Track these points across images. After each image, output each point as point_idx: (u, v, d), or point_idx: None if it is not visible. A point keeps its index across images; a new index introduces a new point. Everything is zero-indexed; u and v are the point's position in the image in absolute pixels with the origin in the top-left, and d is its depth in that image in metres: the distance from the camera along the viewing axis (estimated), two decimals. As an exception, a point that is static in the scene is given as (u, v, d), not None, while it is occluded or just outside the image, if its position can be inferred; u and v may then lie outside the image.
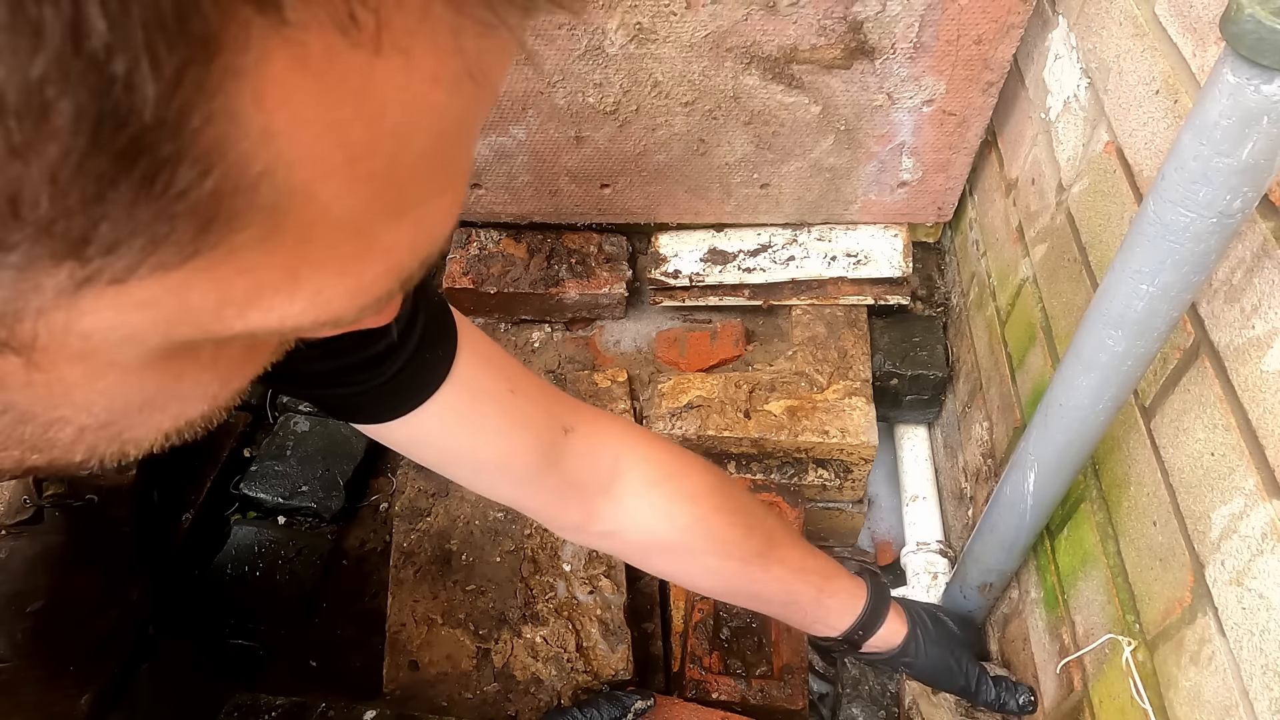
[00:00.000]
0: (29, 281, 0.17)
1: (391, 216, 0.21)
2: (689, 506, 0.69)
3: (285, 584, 1.17)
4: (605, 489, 0.67)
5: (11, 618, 0.87)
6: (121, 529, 1.04)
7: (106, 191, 0.15)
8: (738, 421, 1.15)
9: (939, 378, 1.22)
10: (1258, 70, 0.44)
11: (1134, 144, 0.76)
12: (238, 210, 0.17)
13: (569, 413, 0.64)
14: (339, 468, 1.25)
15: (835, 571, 0.79)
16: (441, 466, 0.62)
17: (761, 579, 0.74)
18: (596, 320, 1.37)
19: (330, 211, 0.19)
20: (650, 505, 0.68)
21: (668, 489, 0.69)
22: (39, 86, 0.14)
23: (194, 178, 0.16)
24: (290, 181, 0.17)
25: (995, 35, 0.99)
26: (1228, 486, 0.59)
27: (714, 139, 1.13)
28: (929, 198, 1.21)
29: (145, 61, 0.14)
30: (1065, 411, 0.68)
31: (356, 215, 0.20)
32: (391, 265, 0.22)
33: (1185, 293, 0.56)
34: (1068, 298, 0.87)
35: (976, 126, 1.10)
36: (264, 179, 0.17)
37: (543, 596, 1.04)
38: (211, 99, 0.15)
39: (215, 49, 0.15)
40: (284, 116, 0.17)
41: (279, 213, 0.18)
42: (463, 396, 0.56)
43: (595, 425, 0.66)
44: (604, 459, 0.66)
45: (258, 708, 0.92)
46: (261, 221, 0.18)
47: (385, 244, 0.21)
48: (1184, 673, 0.64)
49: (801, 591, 0.76)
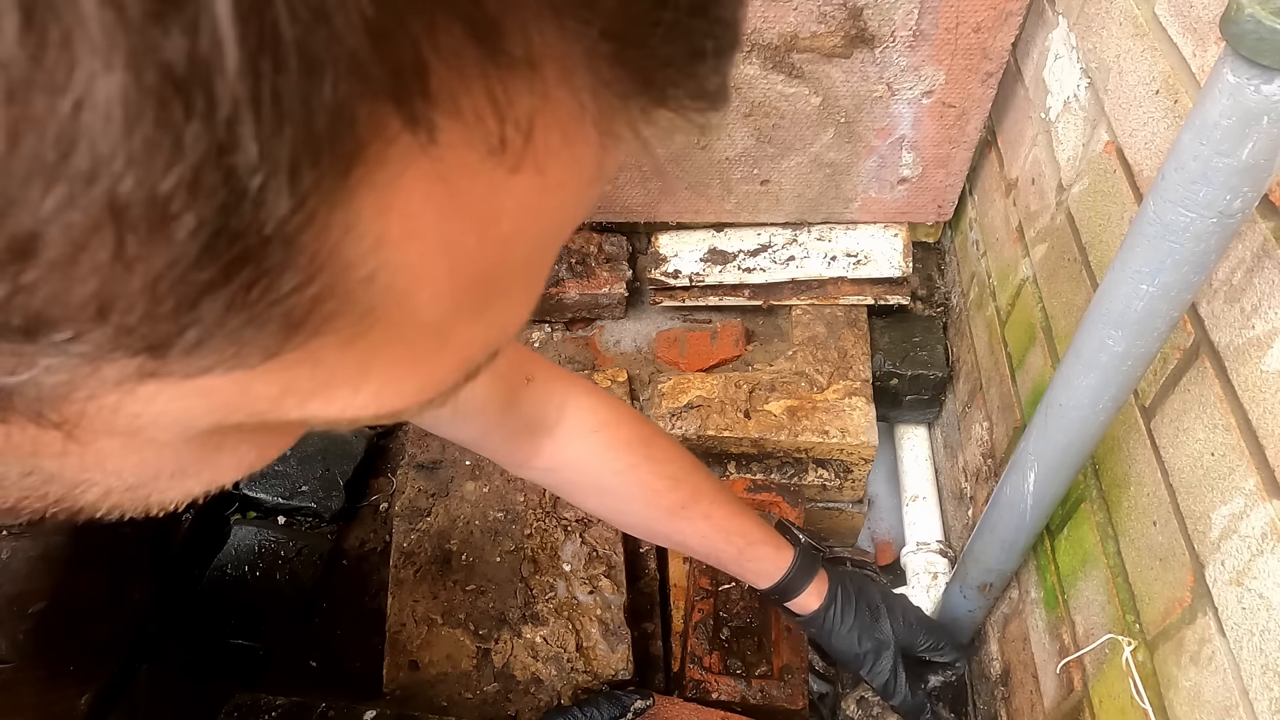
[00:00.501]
0: (91, 368, 0.16)
1: (473, 316, 0.20)
2: (622, 453, 0.75)
3: (285, 584, 1.17)
4: (550, 430, 0.73)
5: (13, 618, 0.87)
6: (122, 530, 1.04)
7: (203, 299, 0.14)
8: (738, 421, 1.15)
9: (939, 378, 1.22)
10: (1258, 70, 0.44)
11: (1134, 144, 0.76)
12: (331, 314, 0.16)
13: (529, 362, 0.71)
14: (339, 468, 1.25)
15: (762, 536, 0.83)
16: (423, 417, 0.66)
17: (684, 529, 0.79)
18: (596, 320, 1.37)
19: (420, 315, 0.18)
20: (587, 448, 0.74)
21: (604, 436, 0.74)
22: (166, 199, 0.13)
23: (296, 284, 0.15)
24: (391, 286, 0.17)
25: (994, 23, 0.99)
26: (1228, 486, 0.59)
27: (714, 132, 1.13)
28: (929, 195, 1.21)
29: (284, 178, 0.14)
30: (1065, 411, 0.68)
31: (443, 318, 0.19)
32: (462, 360, 0.21)
33: (1185, 293, 0.56)
34: (1068, 298, 0.87)
35: (976, 119, 1.10)
36: (364, 284, 0.16)
37: (543, 596, 1.04)
38: (334, 210, 0.15)
39: (355, 164, 0.14)
40: (401, 226, 0.16)
41: (370, 316, 0.17)
42: None
43: (549, 373, 0.72)
44: (553, 404, 0.72)
45: (258, 708, 0.92)
46: (350, 325, 0.17)
47: (461, 340, 0.20)
48: (1184, 673, 0.64)
49: (723, 549, 0.81)
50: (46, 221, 0.13)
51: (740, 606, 1.02)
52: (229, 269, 0.14)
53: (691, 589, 1.05)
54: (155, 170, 0.13)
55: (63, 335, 0.15)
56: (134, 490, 0.22)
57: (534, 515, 1.11)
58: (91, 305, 0.14)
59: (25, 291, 0.14)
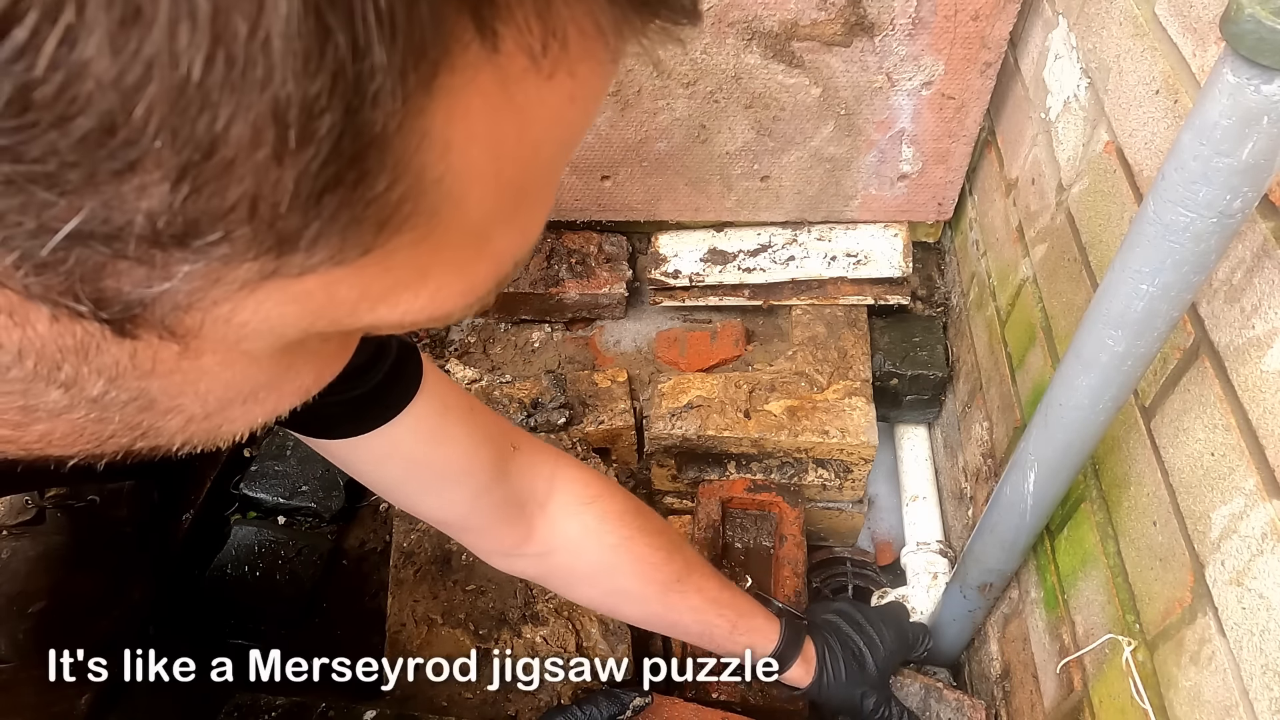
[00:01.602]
0: (223, 273, 0.18)
1: (507, 220, 0.22)
2: (617, 526, 0.73)
3: (285, 584, 1.17)
4: (542, 506, 0.71)
5: (13, 618, 0.88)
6: (122, 529, 1.04)
7: (325, 195, 0.17)
8: (738, 421, 1.15)
9: (939, 378, 1.22)
10: (1258, 70, 0.44)
11: (1134, 144, 0.76)
12: (410, 214, 0.19)
13: (513, 432, 0.70)
14: (339, 468, 1.25)
15: (750, 609, 0.82)
16: (402, 482, 0.64)
17: (679, 606, 0.77)
18: (596, 320, 1.37)
19: (469, 215, 0.20)
20: (582, 524, 0.72)
21: (597, 509, 0.73)
22: (315, 99, 0.15)
23: (388, 184, 0.18)
24: (452, 189, 0.19)
25: (992, 11, 0.99)
26: (1228, 486, 0.59)
27: (715, 125, 1.13)
28: (929, 192, 1.21)
29: (396, 80, 0.16)
30: (1065, 411, 0.68)
31: (485, 219, 0.21)
32: (497, 266, 0.23)
33: (1185, 293, 0.56)
34: (1068, 298, 0.87)
35: (975, 112, 1.10)
36: (435, 186, 0.19)
37: (543, 596, 1.04)
38: (419, 116, 0.17)
39: (441, 70, 0.17)
40: (463, 132, 0.18)
41: (435, 217, 0.19)
42: (435, 408, 0.59)
43: (533, 445, 0.71)
44: (542, 475, 0.71)
45: (258, 708, 0.92)
46: (422, 225, 0.19)
47: (496, 246, 0.23)
48: (1184, 673, 0.64)
49: (716, 625, 0.79)
50: (228, 124, 0.15)
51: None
52: (348, 166, 0.17)
53: (691, 589, 1.04)
54: (309, 75, 0.15)
55: (214, 237, 0.17)
56: (211, 418, 0.24)
57: (534, 515, 1.11)
58: (244, 204, 0.16)
59: (196, 193, 0.16)
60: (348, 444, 0.57)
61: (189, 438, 0.25)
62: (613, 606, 0.84)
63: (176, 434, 0.24)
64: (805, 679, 0.85)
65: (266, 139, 0.15)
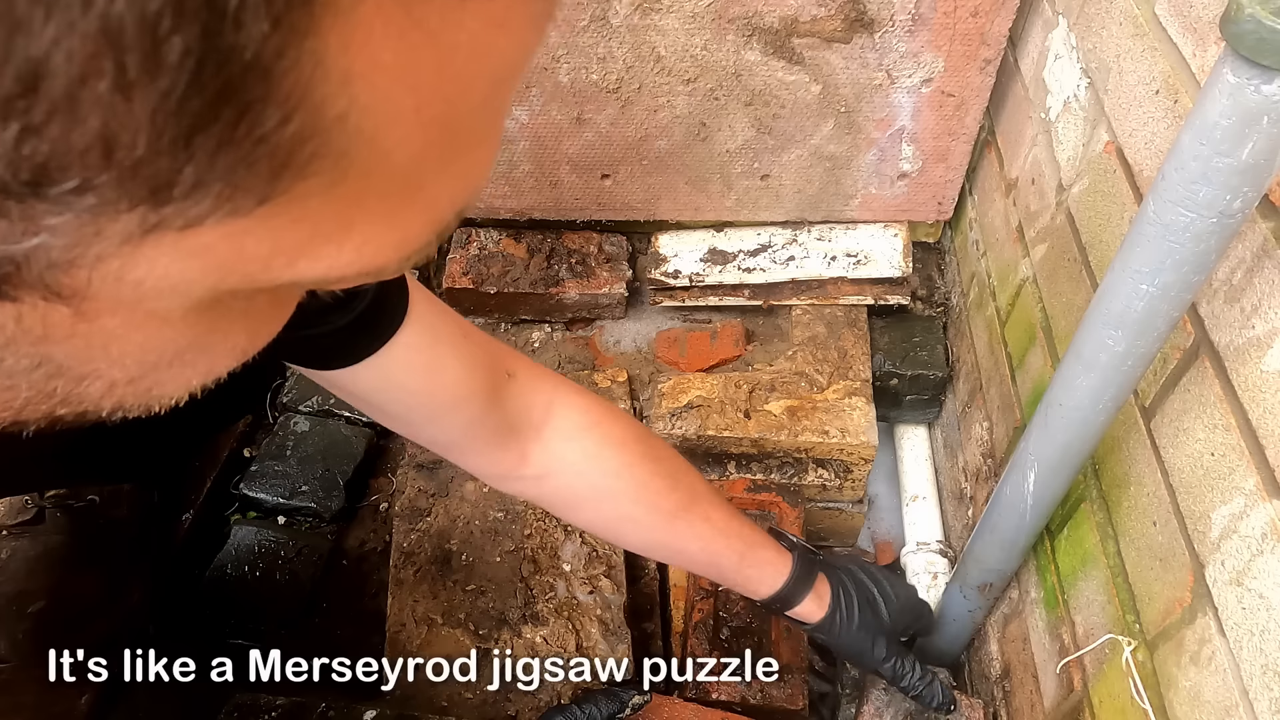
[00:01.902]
0: (96, 226, 0.16)
1: (441, 165, 0.21)
2: (618, 451, 0.71)
3: (285, 584, 1.17)
4: (538, 431, 0.69)
5: (12, 618, 0.88)
6: (122, 529, 1.04)
7: (196, 135, 0.15)
8: (738, 421, 1.15)
9: (939, 378, 1.22)
10: (1258, 70, 0.44)
11: (1134, 144, 0.76)
12: (311, 155, 0.17)
13: (510, 358, 0.68)
14: (339, 468, 1.25)
15: (760, 540, 0.79)
16: (399, 411, 0.63)
17: (685, 534, 0.75)
18: (596, 320, 1.37)
19: (390, 158, 0.19)
20: (581, 449, 0.70)
21: (597, 434, 0.71)
22: (155, 20, 0.13)
23: (278, 121, 0.16)
24: (361, 126, 0.17)
25: (992, 7, 0.99)
26: (1228, 486, 0.59)
27: (715, 122, 1.13)
28: (929, 191, 1.21)
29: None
30: (1065, 411, 0.68)
31: (412, 163, 0.19)
32: (434, 216, 0.22)
33: (1185, 293, 0.56)
34: (1068, 298, 0.87)
35: (975, 110, 1.10)
36: (338, 123, 0.17)
37: (543, 596, 1.04)
38: (304, 39, 0.15)
39: None
40: (365, 60, 0.16)
41: (345, 159, 0.18)
42: (425, 337, 0.58)
43: (532, 371, 0.69)
44: (539, 402, 0.68)
45: (258, 708, 0.92)
46: (329, 168, 0.18)
47: (431, 193, 0.21)
48: (1184, 673, 0.64)
49: (724, 555, 0.77)
50: (50, 49, 0.13)
51: (740, 607, 1.02)
52: (217, 100, 0.15)
53: (691, 589, 1.05)
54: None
55: (70, 184, 0.15)
56: (136, 382, 0.23)
57: (534, 515, 1.11)
58: (96, 146, 0.15)
59: (33, 134, 0.14)
60: (347, 375, 0.56)
61: (118, 402, 0.24)
62: (616, 532, 0.81)
63: (103, 399, 0.23)
64: (817, 614, 0.82)
65: (104, 67, 0.14)
